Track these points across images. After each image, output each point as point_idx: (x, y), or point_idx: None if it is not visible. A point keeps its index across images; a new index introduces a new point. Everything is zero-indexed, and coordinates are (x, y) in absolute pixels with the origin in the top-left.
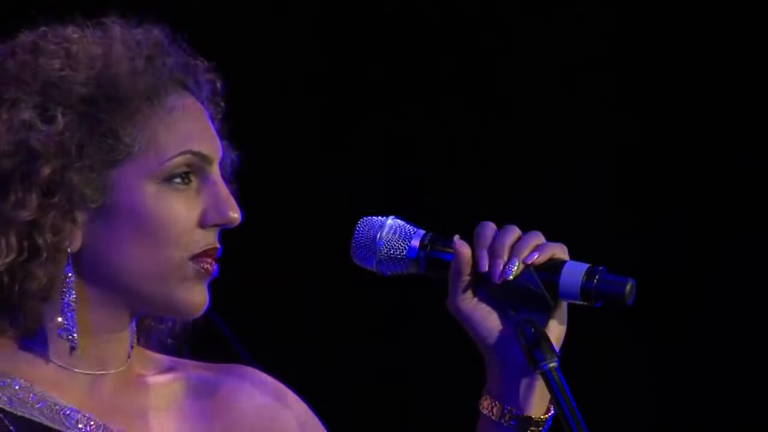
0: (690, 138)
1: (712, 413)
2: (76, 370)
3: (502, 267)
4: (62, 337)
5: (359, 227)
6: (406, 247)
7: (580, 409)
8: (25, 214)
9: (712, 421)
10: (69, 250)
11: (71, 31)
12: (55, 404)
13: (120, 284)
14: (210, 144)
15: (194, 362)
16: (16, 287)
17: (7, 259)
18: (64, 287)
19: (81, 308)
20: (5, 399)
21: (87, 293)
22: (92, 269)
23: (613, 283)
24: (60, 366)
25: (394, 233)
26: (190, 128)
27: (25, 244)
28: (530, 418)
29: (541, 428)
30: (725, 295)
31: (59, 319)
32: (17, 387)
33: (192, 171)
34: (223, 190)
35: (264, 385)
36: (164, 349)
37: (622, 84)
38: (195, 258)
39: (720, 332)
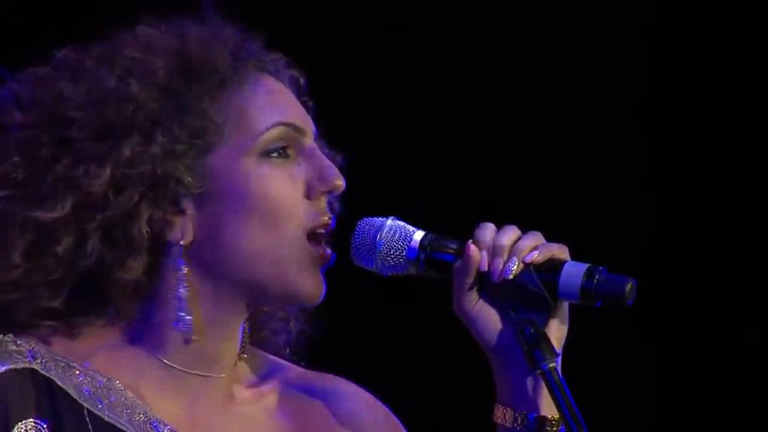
0: (690, 138)
1: (712, 413)
2: (179, 367)
3: (501, 266)
4: (178, 329)
5: (359, 228)
6: (406, 248)
7: (580, 408)
8: (93, 183)
9: (712, 422)
10: (182, 242)
11: (143, 28)
12: (143, 413)
13: (234, 274)
14: (301, 117)
15: (294, 367)
16: (108, 278)
17: (59, 214)
18: (176, 280)
19: (192, 302)
20: (97, 400)
21: (198, 286)
22: (204, 260)
23: (613, 282)
24: (164, 363)
25: (394, 234)
26: (278, 102)
27: (117, 231)
28: (544, 417)
29: (556, 428)
30: (725, 295)
31: (174, 312)
32: (112, 389)
33: (288, 144)
34: (324, 159)
35: (359, 400)
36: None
37: (623, 85)
38: (309, 235)
39: (720, 332)
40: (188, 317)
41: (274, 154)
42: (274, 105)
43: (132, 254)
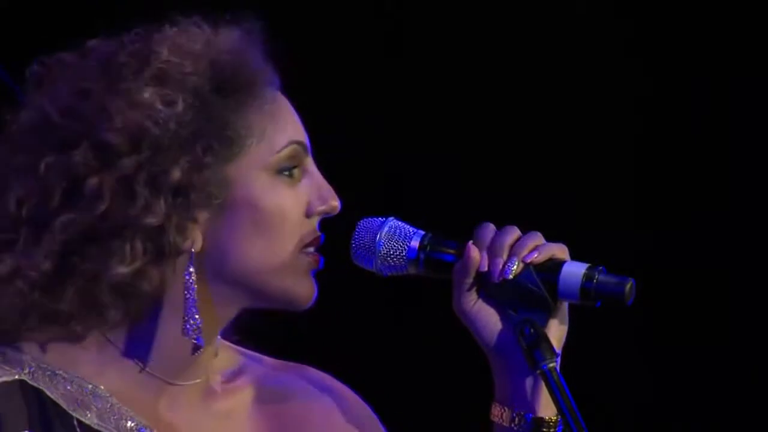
0: (691, 137)
1: (712, 413)
2: (159, 376)
3: (501, 266)
4: (189, 337)
5: (359, 228)
6: (406, 248)
7: (580, 409)
8: (153, 220)
9: (712, 422)
10: (193, 249)
11: (168, 28)
12: (131, 420)
13: (236, 281)
14: (304, 134)
15: (266, 359)
16: (125, 288)
17: (135, 266)
18: (186, 286)
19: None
20: (84, 409)
21: (200, 293)
22: (207, 268)
23: (613, 282)
24: (146, 372)
25: (394, 234)
26: (292, 120)
27: (149, 247)
28: (541, 419)
29: (553, 429)
30: (725, 295)
31: (183, 319)
32: (98, 396)
33: (297, 163)
34: (323, 180)
35: (332, 390)
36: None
37: (624, 84)
38: (304, 248)
39: (721, 332)
40: (199, 323)
41: (286, 173)
42: (290, 122)
43: (157, 265)
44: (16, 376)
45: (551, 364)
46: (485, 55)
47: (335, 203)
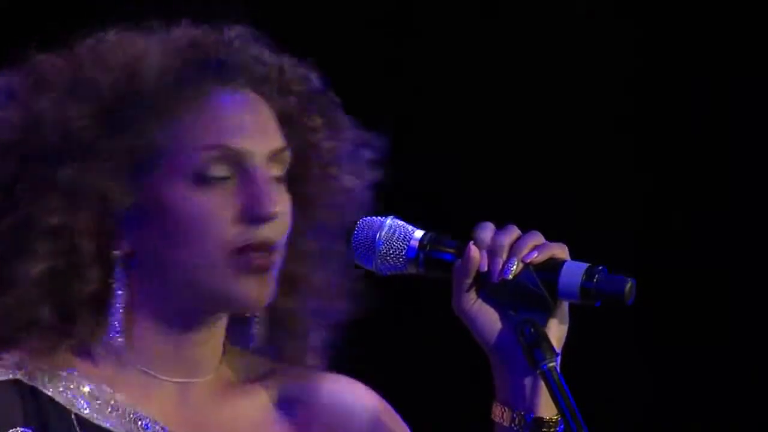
0: (691, 137)
1: (712, 414)
2: (160, 377)
3: (501, 266)
4: (112, 340)
5: (359, 227)
6: (406, 247)
7: (580, 408)
8: (52, 220)
9: (712, 422)
10: (117, 252)
11: (110, 36)
12: (133, 413)
13: (177, 282)
14: (249, 137)
15: (291, 368)
16: (75, 293)
17: (43, 266)
18: (114, 288)
19: (148, 312)
20: (84, 404)
21: (151, 295)
22: (146, 271)
23: (613, 282)
24: (143, 372)
25: (394, 233)
26: (225, 122)
27: (66, 249)
28: (541, 419)
29: (554, 429)
30: (725, 295)
31: (112, 322)
32: (100, 392)
33: (227, 167)
34: (262, 185)
35: (364, 399)
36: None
37: (625, 82)
38: (238, 252)
39: (721, 332)
40: (119, 327)
41: (208, 177)
42: (219, 127)
43: (88, 268)
44: (11, 376)
45: (551, 364)
46: (485, 54)
47: (269, 209)
